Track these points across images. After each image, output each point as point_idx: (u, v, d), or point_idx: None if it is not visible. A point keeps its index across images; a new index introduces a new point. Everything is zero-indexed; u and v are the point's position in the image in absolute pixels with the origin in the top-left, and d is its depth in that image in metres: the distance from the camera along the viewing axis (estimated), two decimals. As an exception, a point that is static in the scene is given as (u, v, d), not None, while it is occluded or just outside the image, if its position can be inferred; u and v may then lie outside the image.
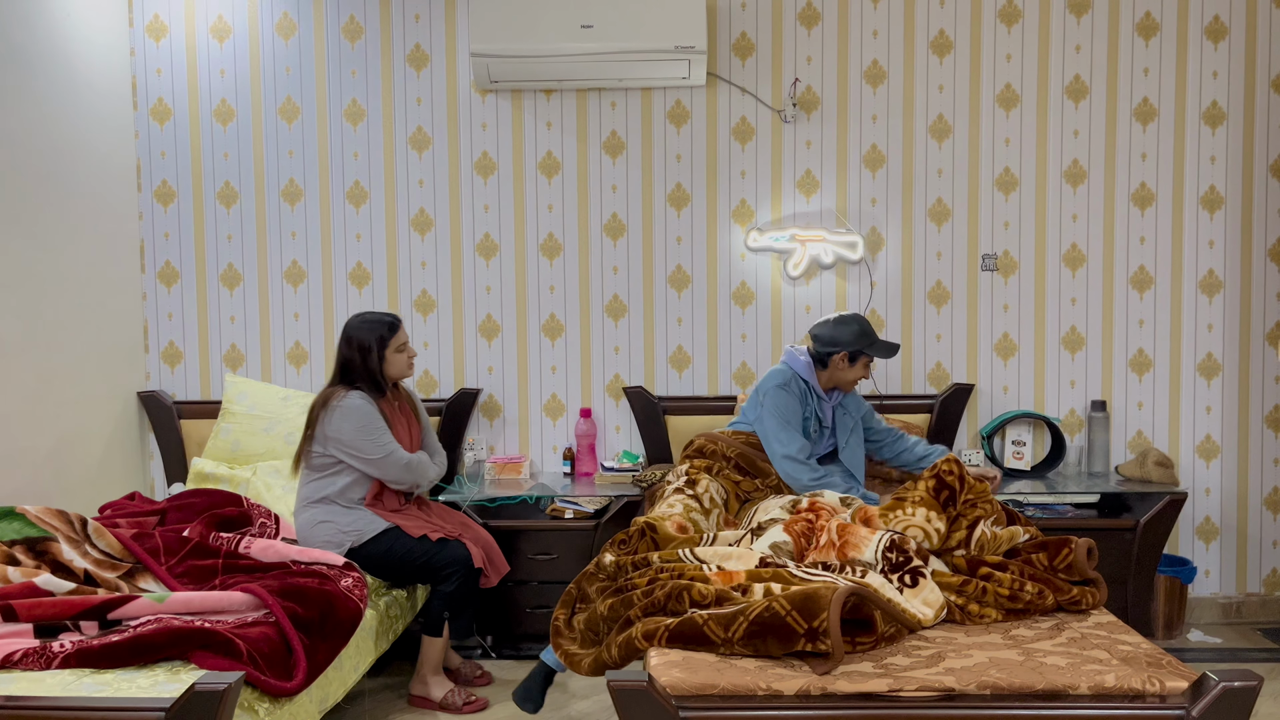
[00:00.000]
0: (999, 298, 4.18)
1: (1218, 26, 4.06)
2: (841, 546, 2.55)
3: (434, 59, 4.20)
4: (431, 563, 3.29)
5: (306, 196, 4.26)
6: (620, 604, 2.46)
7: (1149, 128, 4.11)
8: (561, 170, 4.21)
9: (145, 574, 2.90)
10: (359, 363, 3.32)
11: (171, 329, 4.31)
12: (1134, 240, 4.14)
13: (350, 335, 3.34)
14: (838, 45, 4.14)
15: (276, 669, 2.46)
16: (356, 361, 3.32)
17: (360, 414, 3.25)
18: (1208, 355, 4.14)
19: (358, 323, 3.36)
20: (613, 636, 2.36)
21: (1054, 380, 4.19)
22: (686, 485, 3.24)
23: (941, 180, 4.16)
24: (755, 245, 4.16)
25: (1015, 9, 4.10)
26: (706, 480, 3.26)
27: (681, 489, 3.22)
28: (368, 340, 3.32)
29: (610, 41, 3.82)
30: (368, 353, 3.31)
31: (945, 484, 2.73)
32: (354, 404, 3.25)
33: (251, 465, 3.89)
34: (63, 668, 2.32)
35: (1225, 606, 4.17)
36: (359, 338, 3.32)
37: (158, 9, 4.21)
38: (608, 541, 2.94)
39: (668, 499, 3.16)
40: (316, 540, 3.27)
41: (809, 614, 2.12)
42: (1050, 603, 2.50)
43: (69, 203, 3.81)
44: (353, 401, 3.25)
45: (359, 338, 3.32)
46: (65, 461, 3.77)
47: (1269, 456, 4.16)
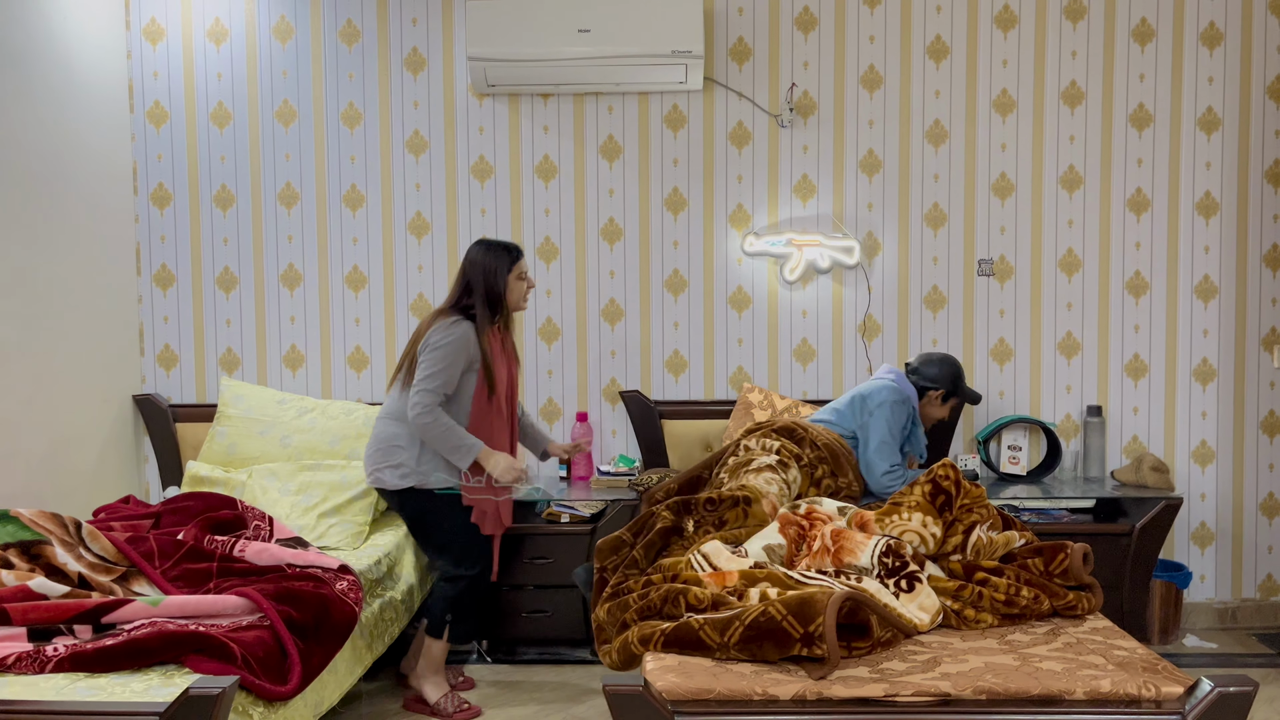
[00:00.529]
0: (995, 303, 4.19)
1: (1213, 33, 4.07)
2: (836, 552, 2.54)
3: (431, 63, 4.20)
4: (462, 548, 3.28)
5: (303, 200, 4.25)
6: (617, 607, 2.46)
7: (1145, 133, 4.12)
8: (558, 174, 4.22)
9: (139, 577, 2.89)
10: (481, 283, 3.27)
11: (167, 332, 4.30)
12: (1129, 246, 4.15)
13: (475, 257, 3.31)
14: (834, 50, 4.15)
15: (271, 673, 2.45)
16: (479, 282, 3.27)
17: (454, 339, 3.19)
18: (1203, 360, 4.15)
19: (483, 245, 3.33)
20: (613, 642, 2.37)
21: (1050, 385, 4.19)
22: (780, 467, 3.14)
23: (938, 185, 4.17)
24: (752, 250, 4.16)
25: (1011, 15, 4.11)
26: (795, 470, 3.19)
27: (775, 468, 3.12)
28: (493, 263, 3.28)
29: (607, 46, 3.82)
30: (493, 275, 3.28)
31: (941, 489, 2.73)
32: (458, 329, 3.21)
33: (247, 468, 3.88)
34: (56, 671, 2.32)
35: (1221, 612, 4.18)
36: (485, 260, 3.29)
37: (154, 12, 4.21)
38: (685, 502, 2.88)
39: (760, 472, 3.06)
40: (382, 462, 3.28)
41: (805, 619, 2.12)
42: (1046, 608, 2.50)
43: (65, 205, 3.80)
44: (458, 327, 3.21)
45: (485, 260, 3.29)
46: (60, 464, 3.77)
47: (1264, 462, 4.16)
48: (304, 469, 3.78)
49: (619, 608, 2.46)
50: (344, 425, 3.95)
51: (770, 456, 3.19)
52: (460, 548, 3.32)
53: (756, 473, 3.09)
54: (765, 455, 3.21)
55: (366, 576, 3.28)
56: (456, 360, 3.20)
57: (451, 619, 3.33)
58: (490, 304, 3.28)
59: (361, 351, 4.28)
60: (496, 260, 3.29)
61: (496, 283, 3.28)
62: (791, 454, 3.25)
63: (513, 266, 3.31)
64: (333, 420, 3.97)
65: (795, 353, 4.22)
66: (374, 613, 3.21)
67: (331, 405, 4.04)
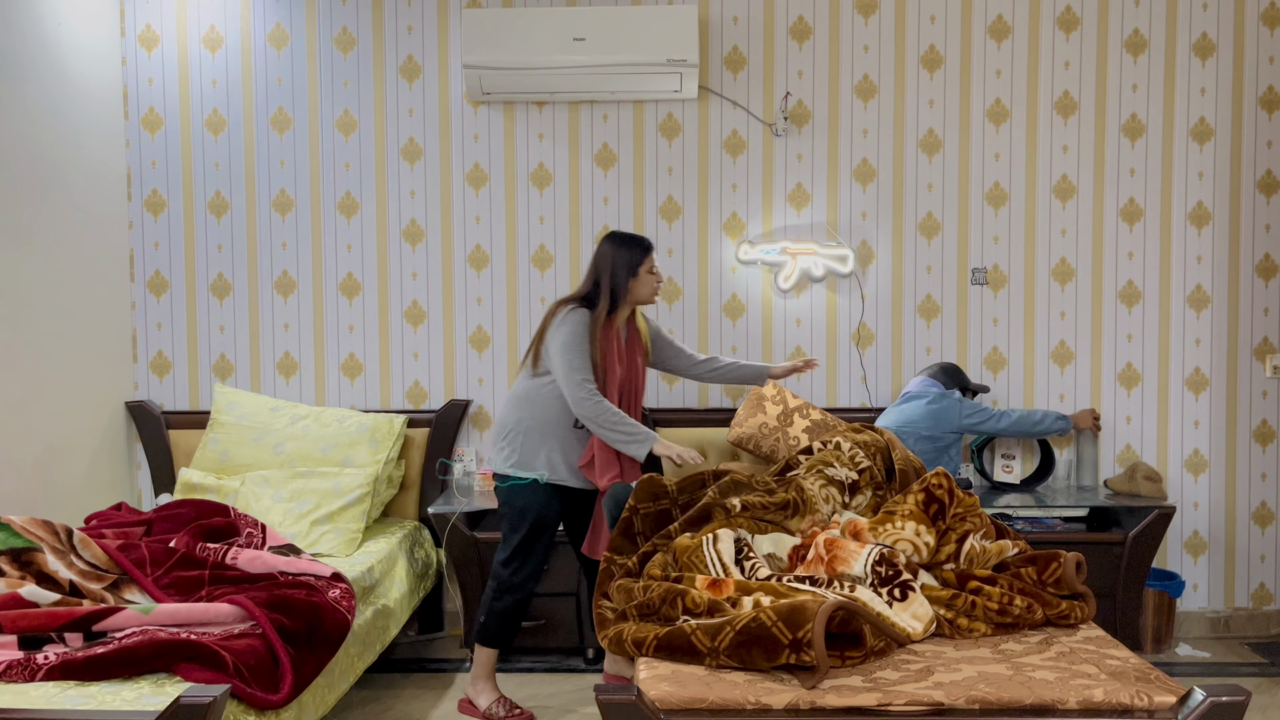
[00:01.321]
0: (988, 311, 4.20)
1: (1206, 44, 4.09)
2: (830, 561, 2.54)
3: (426, 70, 4.20)
4: (517, 548, 3.26)
5: (297, 207, 4.25)
6: (622, 593, 2.48)
7: (1138, 143, 4.13)
8: (553, 182, 4.22)
9: (131, 585, 2.88)
10: (608, 276, 3.26)
11: (160, 339, 4.29)
12: (1123, 255, 4.16)
13: (606, 250, 3.29)
14: (829, 60, 4.16)
15: (263, 681, 2.44)
16: (606, 274, 3.26)
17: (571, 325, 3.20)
18: (1196, 370, 4.16)
19: (615, 238, 3.32)
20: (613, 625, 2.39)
21: (1043, 394, 4.20)
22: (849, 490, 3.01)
23: (932, 194, 4.18)
24: (746, 258, 4.17)
25: (1005, 25, 4.13)
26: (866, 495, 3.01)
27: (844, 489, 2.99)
28: (624, 257, 3.28)
29: (602, 54, 3.83)
30: (623, 268, 3.27)
31: (935, 497, 2.73)
32: (573, 316, 3.21)
33: (240, 475, 3.87)
34: (47, 680, 2.31)
35: (1214, 621, 4.18)
36: (615, 253, 3.28)
37: (150, 19, 4.21)
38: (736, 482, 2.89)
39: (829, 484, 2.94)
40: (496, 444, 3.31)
41: (794, 625, 2.12)
42: (1039, 617, 2.50)
43: (59, 211, 3.80)
44: (574, 314, 3.21)
45: (615, 253, 3.28)
46: (52, 471, 3.75)
47: (1256, 471, 4.17)
48: (297, 476, 3.78)
49: (624, 594, 2.48)
50: (337, 432, 3.94)
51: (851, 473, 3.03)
52: (515, 547, 3.27)
53: (825, 483, 2.96)
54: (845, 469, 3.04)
55: (359, 584, 3.27)
56: (584, 343, 3.20)
57: (483, 619, 3.30)
58: (612, 296, 3.27)
59: (355, 359, 4.27)
60: (629, 254, 3.28)
61: (620, 276, 3.26)
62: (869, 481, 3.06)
63: (642, 261, 3.30)
64: (326, 427, 3.97)
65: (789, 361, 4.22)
66: (366, 620, 3.20)
67: (325, 412, 4.04)
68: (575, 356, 3.18)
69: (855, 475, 3.01)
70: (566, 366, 3.17)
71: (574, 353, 3.18)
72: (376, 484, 3.83)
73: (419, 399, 4.27)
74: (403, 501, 4.17)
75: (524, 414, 3.28)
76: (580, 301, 3.27)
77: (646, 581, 2.53)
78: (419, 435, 4.18)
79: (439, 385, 4.27)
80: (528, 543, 3.27)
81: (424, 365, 4.27)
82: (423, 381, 4.27)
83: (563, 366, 3.18)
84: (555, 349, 3.20)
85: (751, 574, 2.53)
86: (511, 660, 3.85)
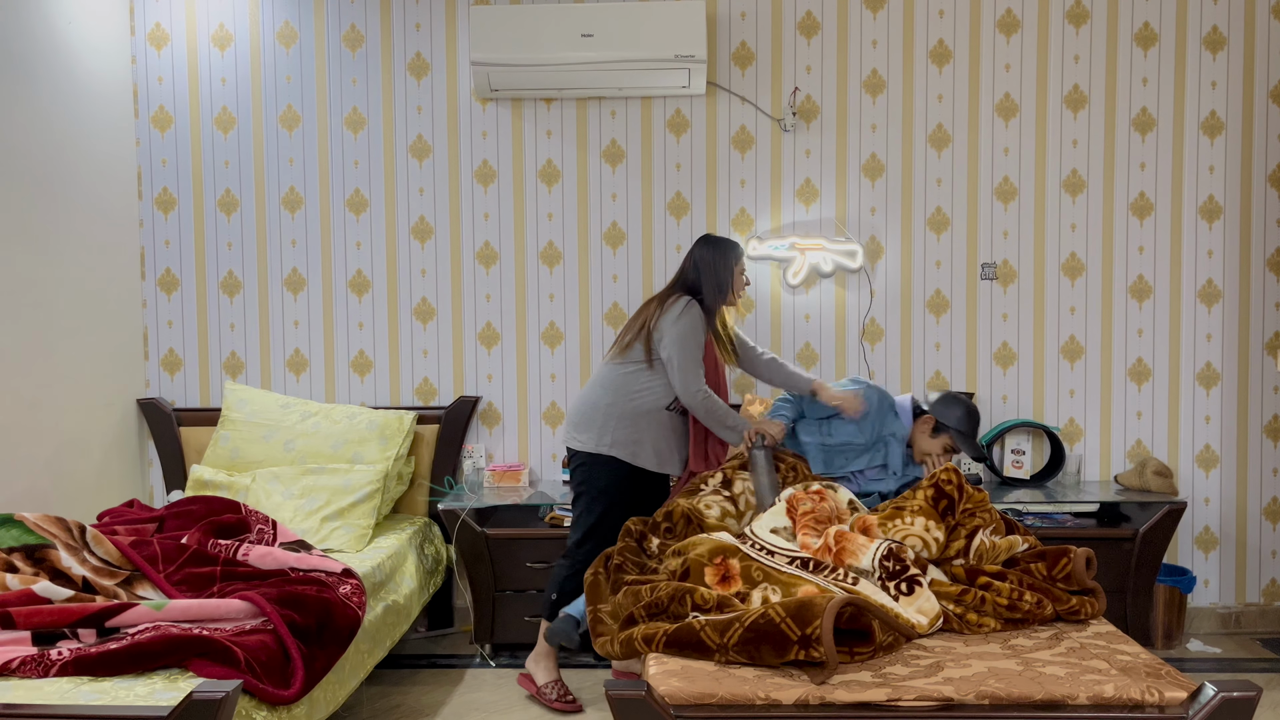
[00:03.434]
0: (998, 307, 4.19)
1: (1216, 37, 4.07)
2: (838, 553, 2.54)
3: (434, 67, 4.21)
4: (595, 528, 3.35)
5: (307, 204, 4.26)
6: (628, 598, 2.49)
7: (1148, 138, 4.12)
8: (561, 179, 4.22)
9: (143, 581, 2.90)
10: (712, 277, 3.40)
11: (171, 336, 4.31)
12: (1133, 250, 4.14)
13: (704, 254, 3.43)
14: (837, 55, 4.16)
15: (274, 677, 2.45)
16: (710, 275, 3.40)
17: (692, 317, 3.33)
18: (1206, 365, 4.15)
19: (710, 242, 3.45)
20: (617, 631, 2.39)
21: (1053, 389, 4.19)
22: (723, 486, 3.24)
23: (941, 189, 4.17)
24: (755, 254, 4.16)
25: (1014, 19, 4.12)
26: (740, 482, 3.25)
27: (718, 489, 3.23)
28: (723, 259, 3.42)
29: (610, 50, 3.83)
30: (724, 270, 3.41)
31: (944, 493, 2.73)
32: (693, 309, 3.34)
33: (251, 472, 3.89)
34: (60, 675, 2.32)
35: (1225, 616, 4.17)
36: (714, 256, 3.42)
37: (159, 17, 4.22)
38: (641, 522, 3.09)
39: (704, 498, 3.17)
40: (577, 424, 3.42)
41: (803, 621, 2.12)
42: (1049, 612, 2.50)
43: (69, 210, 3.82)
44: (692, 311, 3.34)
45: (714, 256, 3.42)
46: (64, 468, 3.77)
47: (1268, 466, 4.16)
48: (307, 473, 3.79)
49: (631, 598, 2.49)
50: (347, 429, 3.96)
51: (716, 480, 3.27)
52: (591, 526, 3.37)
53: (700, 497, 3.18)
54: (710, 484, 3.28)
55: (370, 580, 3.28)
56: (700, 339, 3.35)
57: (555, 597, 3.37)
58: (720, 294, 3.42)
59: (365, 356, 4.28)
60: (728, 256, 3.42)
61: (723, 274, 3.41)
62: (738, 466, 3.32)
63: (739, 261, 3.46)
64: (336, 424, 3.98)
65: (798, 357, 4.22)
66: (377, 616, 3.22)
67: (335, 409, 4.05)
68: (693, 349, 3.33)
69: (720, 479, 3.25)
70: (684, 358, 3.32)
71: (692, 344, 3.33)
72: (386, 480, 3.84)
73: (428, 395, 4.29)
74: (413, 498, 4.18)
75: (615, 399, 3.39)
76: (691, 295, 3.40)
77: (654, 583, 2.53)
78: (429, 432, 4.20)
79: (448, 382, 4.28)
80: (604, 521, 3.36)
81: (433, 362, 4.28)
82: (432, 378, 4.28)
83: (679, 357, 3.32)
84: (673, 338, 3.33)
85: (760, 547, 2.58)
86: (520, 657, 3.86)
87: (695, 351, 3.33)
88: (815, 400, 3.49)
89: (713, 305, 3.41)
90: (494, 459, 4.29)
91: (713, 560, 2.54)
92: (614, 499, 3.37)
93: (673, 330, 3.32)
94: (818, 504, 2.72)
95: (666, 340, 3.34)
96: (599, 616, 2.64)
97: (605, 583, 2.82)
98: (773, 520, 2.74)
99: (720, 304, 3.43)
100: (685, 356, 3.32)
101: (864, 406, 3.43)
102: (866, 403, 3.44)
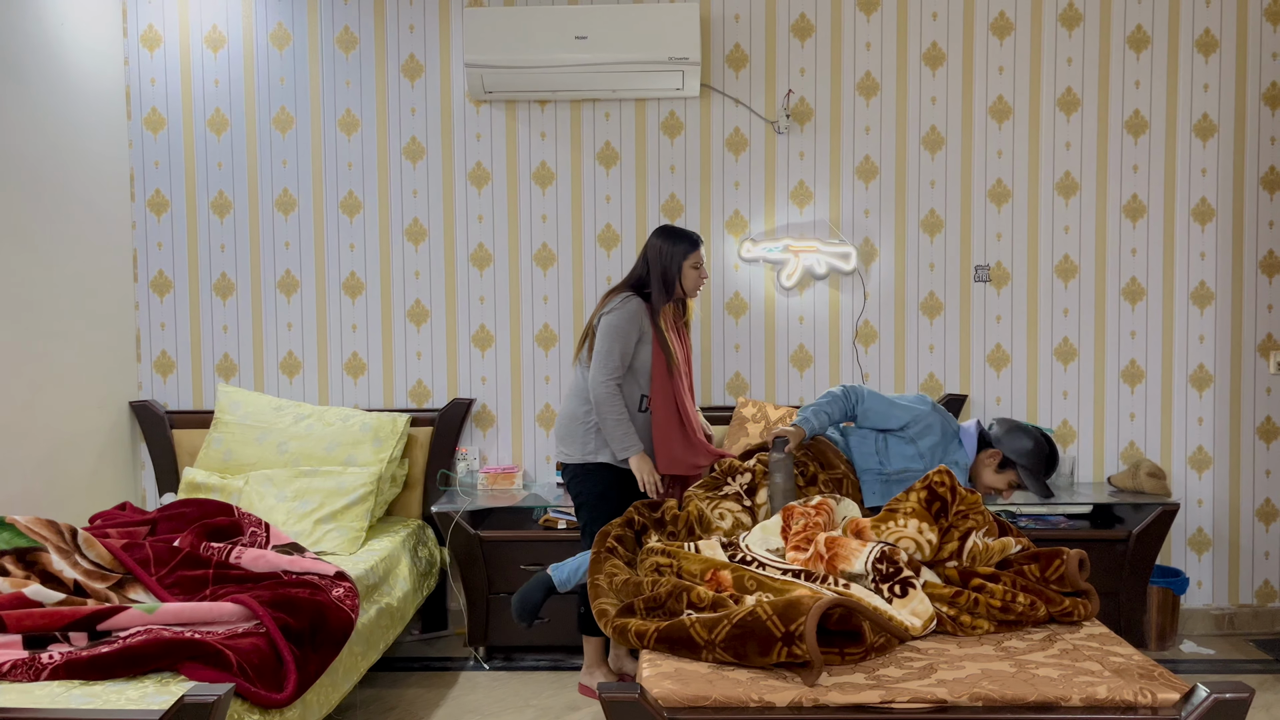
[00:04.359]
0: (992, 309, 4.19)
1: (1208, 40, 4.08)
2: (830, 559, 2.54)
3: (428, 69, 4.20)
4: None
5: (300, 206, 4.26)
6: (629, 589, 2.51)
7: (1140, 140, 4.13)
8: (555, 180, 4.22)
9: (135, 585, 2.89)
10: (659, 268, 3.40)
11: (164, 338, 4.30)
12: (1126, 252, 4.15)
13: (656, 243, 3.43)
14: (831, 57, 4.16)
15: (267, 680, 2.45)
16: (656, 266, 3.40)
17: (624, 313, 3.33)
18: (1199, 367, 4.16)
19: (665, 232, 3.45)
20: (614, 616, 2.41)
21: (1046, 391, 4.20)
22: (746, 493, 3.07)
23: (934, 191, 4.17)
24: (749, 256, 4.16)
25: (1007, 22, 4.13)
26: (766, 491, 3.06)
27: (740, 495, 3.06)
28: (671, 250, 3.41)
29: (604, 52, 3.83)
30: (670, 261, 3.40)
31: (937, 495, 2.73)
32: (628, 304, 3.35)
33: (244, 475, 3.88)
34: (51, 679, 2.31)
35: (1218, 618, 4.18)
36: (664, 246, 3.41)
37: (152, 19, 4.21)
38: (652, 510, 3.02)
39: (721, 504, 3.03)
40: (563, 438, 3.43)
41: (788, 619, 2.12)
42: (1042, 614, 2.50)
43: (62, 211, 3.80)
44: (628, 303, 3.35)
45: (664, 246, 3.41)
46: (56, 471, 3.76)
47: (1261, 467, 4.17)
48: (301, 475, 3.78)
49: (631, 589, 2.50)
50: (340, 431, 3.95)
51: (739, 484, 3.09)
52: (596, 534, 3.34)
53: (717, 503, 3.04)
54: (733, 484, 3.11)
55: (363, 582, 3.28)
56: (629, 334, 3.34)
57: (584, 610, 3.38)
58: (666, 286, 3.41)
59: (358, 358, 4.28)
60: (675, 247, 3.41)
61: (671, 268, 3.41)
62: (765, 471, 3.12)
63: (689, 255, 3.43)
64: (329, 426, 3.97)
65: (792, 359, 4.22)
66: (370, 619, 3.21)
67: (328, 411, 4.04)
68: (615, 343, 3.32)
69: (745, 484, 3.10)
70: (604, 350, 3.32)
71: (615, 340, 3.32)
72: (380, 483, 3.83)
73: (422, 398, 4.28)
74: (406, 500, 4.17)
75: (589, 407, 3.39)
76: (630, 289, 3.40)
77: (655, 576, 2.54)
78: (422, 434, 4.19)
79: (442, 384, 4.28)
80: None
81: (427, 364, 4.28)
82: (426, 380, 4.28)
83: (601, 348, 3.33)
84: (602, 329, 3.34)
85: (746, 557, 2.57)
86: (514, 659, 3.85)
87: (616, 344, 3.31)
88: (871, 404, 3.19)
89: (658, 300, 3.39)
90: (488, 461, 4.28)
91: (704, 577, 2.54)
92: (614, 502, 3.37)
93: (603, 322, 3.35)
94: (812, 519, 2.71)
95: (598, 330, 3.36)
96: (598, 585, 2.65)
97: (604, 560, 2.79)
98: (767, 539, 2.74)
99: (666, 299, 3.40)
100: (605, 346, 3.31)
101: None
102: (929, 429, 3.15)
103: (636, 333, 3.35)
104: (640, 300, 3.37)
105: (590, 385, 3.34)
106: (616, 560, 2.78)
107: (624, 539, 2.92)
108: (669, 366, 3.39)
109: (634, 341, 3.35)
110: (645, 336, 3.37)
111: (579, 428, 3.40)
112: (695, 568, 2.58)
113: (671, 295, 3.42)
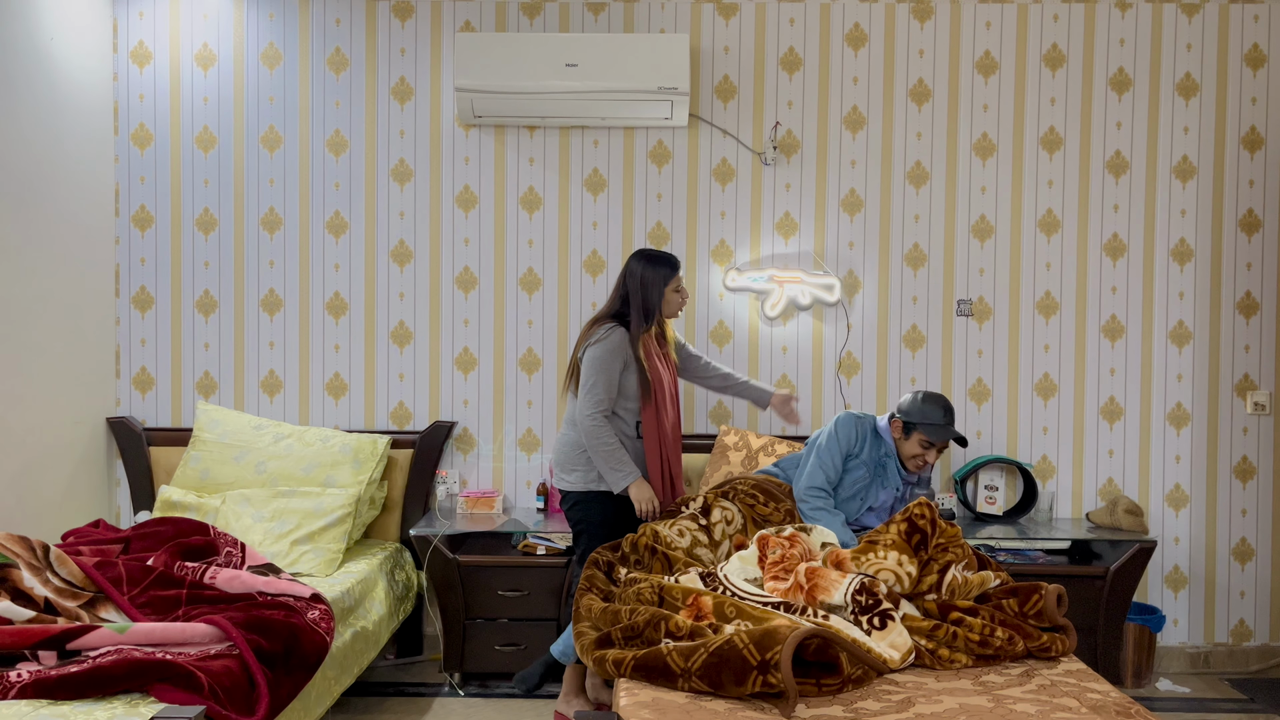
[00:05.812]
0: (973, 343, 4.22)
1: (1189, 83, 4.15)
2: (810, 590, 2.54)
3: (418, 92, 4.22)
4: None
5: (286, 225, 4.25)
6: (607, 618, 2.51)
7: (1121, 180, 4.18)
8: (543, 206, 4.23)
9: (107, 603, 2.85)
10: (639, 293, 3.41)
11: (144, 355, 4.27)
12: (1106, 290, 4.19)
13: (635, 268, 3.44)
14: (818, 91, 4.20)
15: (238, 703, 2.41)
16: (636, 291, 3.41)
17: (607, 345, 3.35)
18: (1177, 405, 4.19)
19: (643, 256, 3.46)
20: (592, 648, 2.41)
21: (1026, 426, 4.22)
22: (701, 513, 3.22)
23: (918, 226, 4.21)
24: (734, 285, 4.18)
25: (992, 61, 4.18)
26: (720, 510, 3.22)
27: (696, 515, 3.21)
28: (651, 275, 3.42)
29: (594, 80, 3.85)
30: (650, 286, 3.41)
31: (917, 527, 2.73)
32: (612, 335, 3.36)
33: (221, 494, 3.84)
34: (19, 698, 2.27)
35: (1194, 656, 4.19)
36: (643, 271, 3.43)
37: (143, 36, 4.22)
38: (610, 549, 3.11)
39: (678, 523, 3.15)
40: (562, 466, 3.45)
41: (764, 648, 2.12)
42: (1020, 649, 2.50)
43: (45, 225, 3.78)
44: (612, 334, 3.36)
45: (643, 271, 3.43)
46: (30, 486, 3.72)
47: (1237, 506, 4.20)
48: (278, 495, 3.75)
49: (609, 618, 2.49)
50: (320, 452, 3.92)
51: (695, 506, 3.25)
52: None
53: (674, 524, 3.16)
54: (690, 506, 3.27)
55: (338, 605, 3.25)
56: (613, 365, 3.35)
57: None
58: (645, 313, 3.43)
59: (340, 378, 4.26)
60: (655, 273, 3.43)
61: (652, 294, 3.42)
62: (719, 494, 3.32)
63: (670, 279, 3.45)
64: (309, 447, 3.95)
65: (776, 388, 4.22)
66: (345, 643, 3.18)
67: (308, 432, 4.02)
68: (600, 375, 3.34)
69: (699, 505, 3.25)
70: (590, 384, 3.35)
71: (599, 372, 3.34)
72: (358, 505, 3.81)
73: (403, 420, 4.26)
74: (384, 523, 4.14)
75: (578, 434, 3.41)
76: (613, 319, 3.42)
77: (635, 605, 2.54)
78: (402, 456, 4.17)
79: (424, 407, 4.26)
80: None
81: (409, 386, 4.26)
82: (407, 402, 4.26)
83: (586, 381, 3.35)
84: (587, 361, 3.36)
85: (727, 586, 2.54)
86: (490, 686, 3.82)
87: (600, 377, 3.33)
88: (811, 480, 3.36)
89: (636, 328, 3.41)
90: (468, 485, 4.26)
91: (686, 602, 2.53)
92: (614, 529, 3.38)
93: (587, 355, 3.37)
94: (787, 550, 2.71)
95: (583, 362, 3.38)
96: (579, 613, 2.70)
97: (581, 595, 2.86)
98: (745, 569, 2.74)
99: (647, 325, 3.43)
100: (590, 380, 3.34)
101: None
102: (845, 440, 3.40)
103: (620, 363, 3.37)
104: (623, 330, 3.39)
105: (578, 419, 3.36)
106: (593, 595, 2.80)
107: (594, 579, 2.95)
108: (649, 394, 3.41)
109: (619, 371, 3.37)
110: (630, 365, 3.39)
111: (580, 456, 3.41)
112: (678, 593, 2.58)
113: (652, 321, 3.44)
